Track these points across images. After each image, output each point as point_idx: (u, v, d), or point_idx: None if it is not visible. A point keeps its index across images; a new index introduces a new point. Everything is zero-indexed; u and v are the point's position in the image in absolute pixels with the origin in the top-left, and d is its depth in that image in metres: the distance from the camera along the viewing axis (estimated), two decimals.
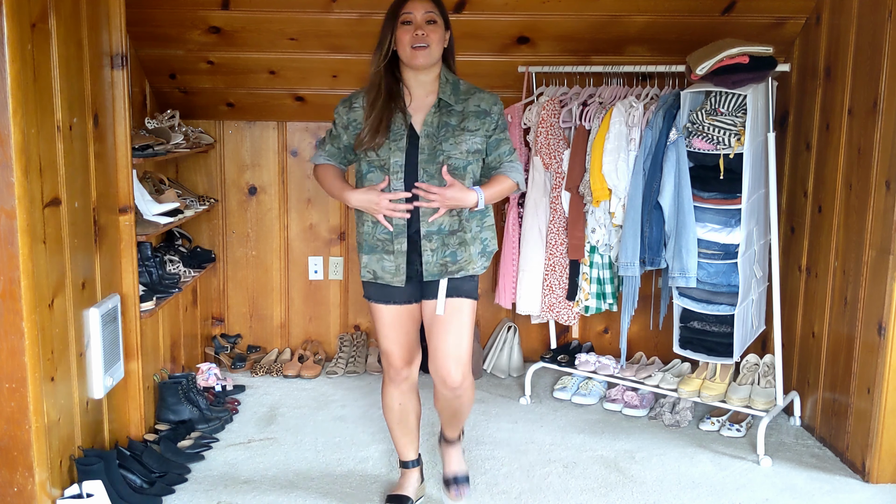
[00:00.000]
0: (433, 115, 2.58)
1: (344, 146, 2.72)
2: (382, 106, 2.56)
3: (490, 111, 2.63)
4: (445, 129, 2.57)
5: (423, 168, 2.56)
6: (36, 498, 2.55)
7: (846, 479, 3.17)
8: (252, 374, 4.23)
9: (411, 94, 2.61)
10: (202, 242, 4.36)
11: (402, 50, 2.55)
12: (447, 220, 2.61)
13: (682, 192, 3.27)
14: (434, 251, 2.61)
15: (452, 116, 2.59)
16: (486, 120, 2.62)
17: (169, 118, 3.94)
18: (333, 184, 2.70)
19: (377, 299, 2.74)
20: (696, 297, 3.41)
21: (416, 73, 2.59)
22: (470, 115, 2.60)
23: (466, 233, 2.65)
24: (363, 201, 2.58)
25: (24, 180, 2.41)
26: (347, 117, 2.67)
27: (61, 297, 2.68)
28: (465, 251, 2.64)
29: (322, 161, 2.76)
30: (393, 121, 2.57)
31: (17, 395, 2.49)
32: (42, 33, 2.52)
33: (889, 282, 2.99)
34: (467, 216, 2.64)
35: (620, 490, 3.08)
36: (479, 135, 2.60)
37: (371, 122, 2.56)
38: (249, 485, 3.09)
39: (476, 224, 2.68)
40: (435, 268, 2.63)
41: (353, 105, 2.67)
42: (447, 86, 2.61)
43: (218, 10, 3.59)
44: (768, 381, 3.63)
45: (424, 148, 2.57)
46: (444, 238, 2.62)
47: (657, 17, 3.59)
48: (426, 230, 2.60)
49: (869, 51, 3.11)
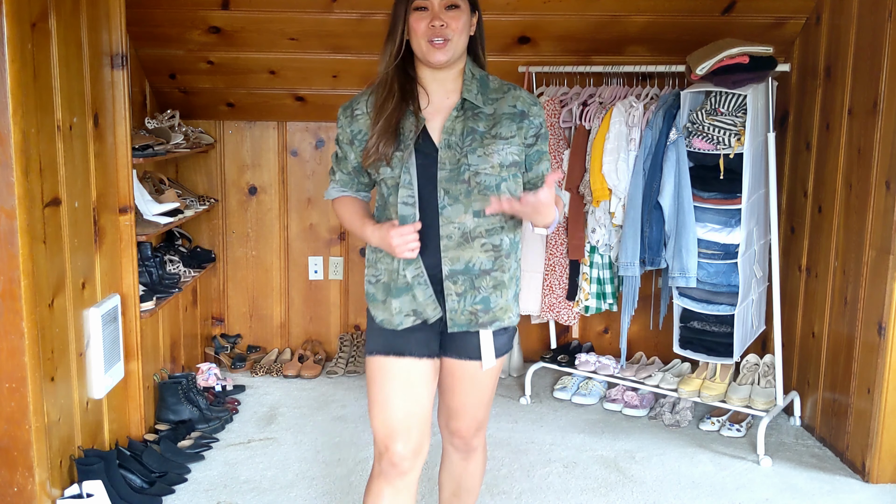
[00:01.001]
0: (455, 119, 2.03)
1: (354, 168, 2.15)
2: (395, 107, 2.02)
3: (529, 113, 2.07)
4: (472, 138, 2.01)
5: (443, 188, 2.01)
6: (36, 498, 2.55)
7: (846, 479, 3.17)
8: (252, 374, 4.23)
9: (429, 95, 2.07)
10: (202, 242, 4.36)
11: (415, 43, 2.02)
12: (480, 257, 2.05)
13: (682, 192, 3.27)
14: (461, 296, 2.06)
15: (480, 121, 2.03)
16: (524, 124, 2.06)
17: (169, 118, 3.94)
18: (353, 221, 2.14)
19: (389, 351, 2.09)
20: (696, 297, 3.41)
21: (433, 70, 2.06)
22: (503, 119, 2.04)
23: (505, 272, 2.09)
24: (382, 242, 2.02)
25: (24, 180, 2.41)
26: (351, 129, 2.10)
27: (61, 297, 2.68)
28: (500, 296, 2.09)
29: (336, 195, 2.20)
30: (403, 125, 2.03)
31: (17, 395, 2.49)
32: (42, 33, 2.52)
33: (889, 282, 2.99)
34: (507, 248, 2.09)
35: (620, 490, 3.08)
36: (514, 143, 2.04)
37: (380, 126, 2.01)
38: (249, 485, 3.09)
39: (514, 259, 2.14)
40: (462, 316, 2.07)
41: (355, 112, 2.10)
42: (473, 83, 2.07)
43: (218, 10, 3.59)
44: (768, 381, 3.63)
45: (445, 162, 2.00)
46: (474, 279, 2.06)
47: (657, 17, 3.59)
48: (449, 269, 2.04)
49: (869, 51, 3.11)
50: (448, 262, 2.04)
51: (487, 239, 2.05)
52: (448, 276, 2.04)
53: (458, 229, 2.02)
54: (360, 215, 2.13)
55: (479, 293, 2.06)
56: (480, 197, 2.01)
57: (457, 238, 2.03)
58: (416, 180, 2.02)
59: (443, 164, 2.01)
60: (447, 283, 2.05)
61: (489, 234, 2.05)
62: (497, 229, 2.06)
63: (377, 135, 2.01)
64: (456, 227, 2.02)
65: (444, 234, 2.02)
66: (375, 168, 2.05)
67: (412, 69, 2.08)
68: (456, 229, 2.02)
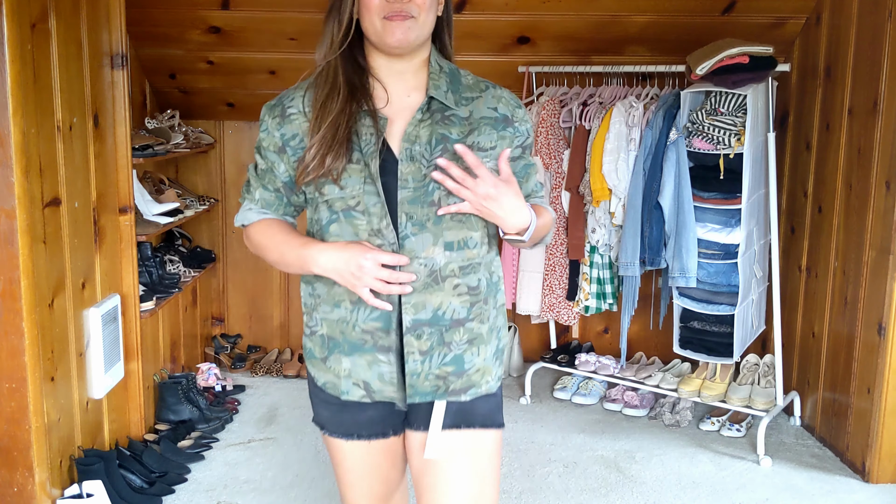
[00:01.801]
0: (419, 123, 1.57)
1: (284, 184, 1.65)
2: (341, 107, 1.56)
3: (513, 117, 1.64)
4: (442, 147, 1.56)
5: (405, 213, 1.55)
6: (36, 498, 2.55)
7: (846, 479, 3.17)
8: (252, 374, 4.23)
9: (386, 90, 1.61)
10: (202, 242, 4.36)
11: (368, 21, 1.56)
12: (453, 303, 1.58)
13: (682, 192, 3.27)
14: (426, 355, 1.59)
15: (452, 126, 1.58)
16: (508, 132, 1.62)
17: (169, 118, 3.94)
18: (287, 241, 1.61)
19: (335, 430, 1.72)
20: (696, 297, 3.41)
21: (390, 59, 1.61)
22: (482, 125, 1.60)
23: (483, 321, 1.64)
24: (339, 264, 1.52)
25: (24, 180, 2.41)
26: (281, 133, 1.62)
27: (61, 297, 2.68)
28: (476, 354, 1.63)
29: (255, 217, 1.68)
30: (357, 129, 1.56)
31: (17, 395, 2.49)
32: (42, 33, 2.52)
33: (889, 282, 2.98)
34: (486, 290, 1.64)
35: (620, 490, 3.08)
36: (496, 156, 1.59)
37: (325, 132, 1.54)
38: (249, 485, 3.09)
39: (494, 305, 1.67)
40: (427, 382, 1.61)
41: (287, 111, 1.62)
42: (441, 77, 1.61)
43: (218, 10, 3.59)
44: (768, 381, 3.63)
45: (408, 178, 1.55)
46: (444, 332, 1.59)
47: (657, 17, 3.59)
48: (412, 318, 1.57)
49: (869, 51, 3.11)
50: (410, 309, 1.56)
51: (462, 279, 1.58)
52: (410, 328, 1.57)
53: (425, 266, 1.55)
54: (296, 233, 1.63)
55: (449, 350, 1.60)
56: (454, 224, 1.56)
57: (423, 278, 1.55)
58: (385, 204, 1.54)
59: (404, 180, 1.54)
60: (408, 339, 1.57)
61: (464, 273, 1.59)
62: (474, 266, 1.60)
63: (319, 143, 1.54)
64: (422, 262, 1.55)
65: (405, 272, 1.54)
66: (317, 187, 1.57)
67: (362, 58, 1.62)
68: (422, 266, 1.55)
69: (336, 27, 1.60)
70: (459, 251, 1.58)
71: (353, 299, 1.59)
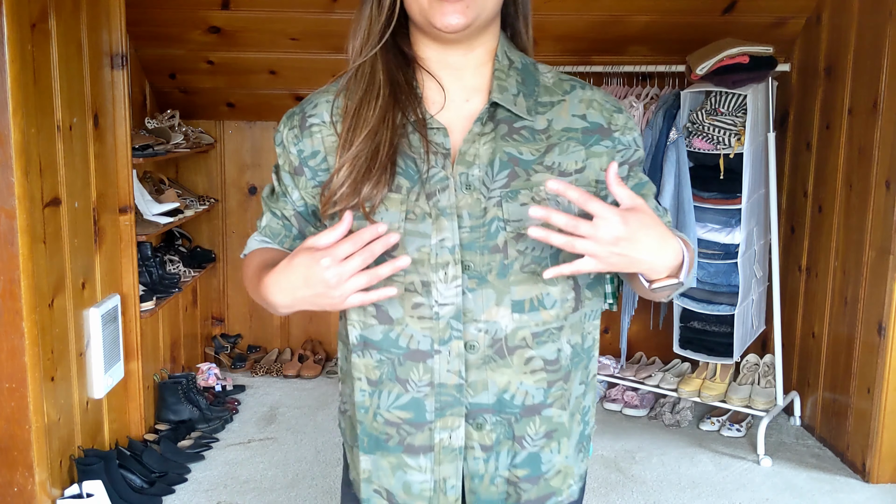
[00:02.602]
0: (479, 138, 1.16)
1: (297, 213, 1.26)
2: (381, 114, 1.15)
3: (610, 125, 1.20)
4: (509, 172, 1.15)
5: (466, 256, 1.14)
6: (36, 498, 2.55)
7: (846, 479, 3.17)
8: (252, 374, 4.23)
9: (444, 90, 1.20)
10: (202, 242, 4.36)
11: (414, 2, 1.14)
12: (525, 383, 1.17)
13: (682, 192, 3.27)
14: (489, 451, 1.19)
15: (525, 142, 1.17)
16: (604, 146, 1.19)
17: (169, 118, 3.94)
18: (258, 273, 1.18)
19: None
20: (696, 297, 3.41)
21: (443, 48, 1.19)
22: (564, 139, 1.18)
23: (565, 406, 1.22)
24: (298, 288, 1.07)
25: (24, 180, 2.41)
26: (298, 148, 1.21)
27: (61, 297, 2.68)
28: (556, 451, 1.22)
29: (254, 247, 1.30)
30: (404, 143, 1.16)
31: (17, 395, 2.49)
32: (42, 33, 2.52)
33: (889, 282, 2.98)
34: (568, 363, 1.21)
35: (620, 490, 3.08)
36: (585, 181, 1.18)
37: (357, 150, 1.14)
38: (250, 484, 3.09)
39: (578, 377, 1.24)
40: (493, 488, 1.21)
41: (307, 121, 1.21)
42: (510, 76, 1.21)
43: (218, 10, 3.59)
44: (768, 381, 3.63)
45: (463, 213, 1.14)
46: (514, 422, 1.19)
47: (658, 17, 3.59)
48: (470, 402, 1.17)
49: (869, 51, 3.11)
50: (468, 390, 1.17)
51: (536, 351, 1.17)
52: (468, 415, 1.18)
53: (486, 333, 1.15)
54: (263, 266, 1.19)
55: (521, 448, 1.20)
56: (524, 276, 1.15)
57: (483, 348, 1.16)
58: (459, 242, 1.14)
59: (459, 216, 1.14)
60: (467, 429, 1.18)
61: (539, 343, 1.17)
62: (552, 332, 1.18)
63: (351, 163, 1.13)
64: (481, 328, 1.15)
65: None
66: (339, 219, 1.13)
67: (411, 49, 1.21)
68: (482, 333, 1.15)
69: (375, 10, 1.17)
70: (532, 313, 1.16)
71: (372, 378, 1.19)
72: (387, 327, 1.17)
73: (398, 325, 1.16)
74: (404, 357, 1.16)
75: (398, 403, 1.18)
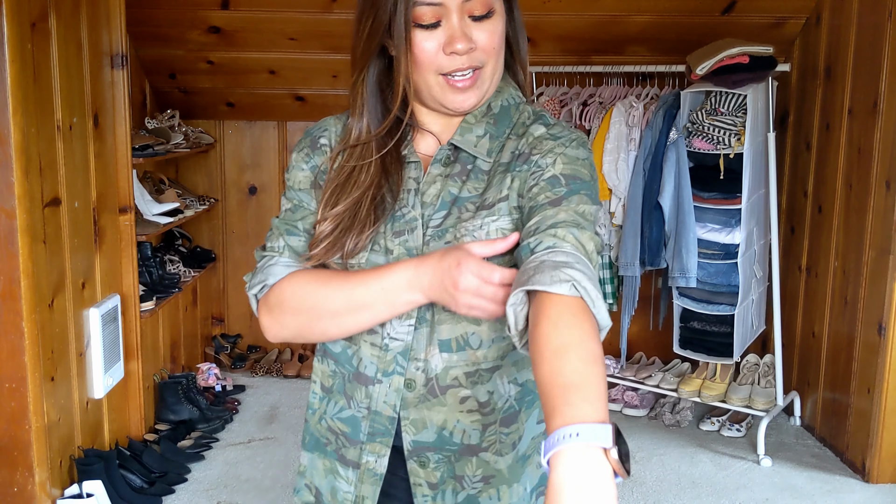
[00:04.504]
0: (434, 178, 1.16)
1: None
2: (368, 183, 1.16)
3: (532, 151, 1.13)
4: (445, 213, 1.14)
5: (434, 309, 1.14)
6: (36, 498, 2.55)
7: (846, 479, 3.17)
8: (252, 374, 4.23)
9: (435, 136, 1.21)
10: (202, 242, 4.36)
11: (421, 80, 1.13)
12: (461, 422, 1.16)
13: (682, 192, 3.27)
14: (436, 490, 1.18)
15: (469, 181, 1.16)
16: (519, 171, 1.13)
17: (169, 118, 3.94)
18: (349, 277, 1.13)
19: None
20: (696, 298, 3.41)
21: (449, 116, 1.19)
22: (497, 174, 1.15)
23: (503, 452, 1.18)
24: (436, 279, 1.05)
25: (24, 180, 2.41)
26: (310, 164, 1.22)
27: (61, 297, 2.68)
28: (494, 498, 1.18)
29: (282, 273, 1.18)
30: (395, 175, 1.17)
31: (17, 395, 2.49)
32: (42, 33, 2.52)
33: (889, 282, 2.98)
34: (505, 405, 1.17)
35: (620, 490, 3.08)
36: (503, 213, 1.12)
37: (341, 211, 1.15)
38: (250, 484, 3.09)
39: (516, 427, 1.19)
40: None
41: (317, 141, 1.23)
42: (482, 120, 1.18)
43: (218, 10, 3.59)
44: (768, 381, 3.63)
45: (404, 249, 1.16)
46: (453, 459, 1.17)
47: (657, 17, 3.59)
48: (412, 439, 1.16)
49: (869, 51, 3.11)
50: (410, 427, 1.16)
51: (471, 391, 1.15)
52: (412, 452, 1.16)
53: (423, 372, 1.14)
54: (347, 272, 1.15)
55: (462, 488, 1.17)
56: (446, 316, 1.13)
57: (419, 387, 1.15)
58: None
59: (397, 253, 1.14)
60: (412, 466, 1.16)
61: (472, 383, 1.15)
62: (482, 373, 1.15)
63: (334, 220, 1.15)
64: (420, 367, 1.15)
65: None
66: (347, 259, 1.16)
67: (403, 113, 1.17)
68: (419, 372, 1.15)
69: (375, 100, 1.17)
70: (460, 353, 1.14)
71: (326, 384, 1.23)
72: (346, 343, 1.19)
73: (354, 345, 1.19)
74: (353, 376, 1.19)
75: (341, 416, 1.21)
